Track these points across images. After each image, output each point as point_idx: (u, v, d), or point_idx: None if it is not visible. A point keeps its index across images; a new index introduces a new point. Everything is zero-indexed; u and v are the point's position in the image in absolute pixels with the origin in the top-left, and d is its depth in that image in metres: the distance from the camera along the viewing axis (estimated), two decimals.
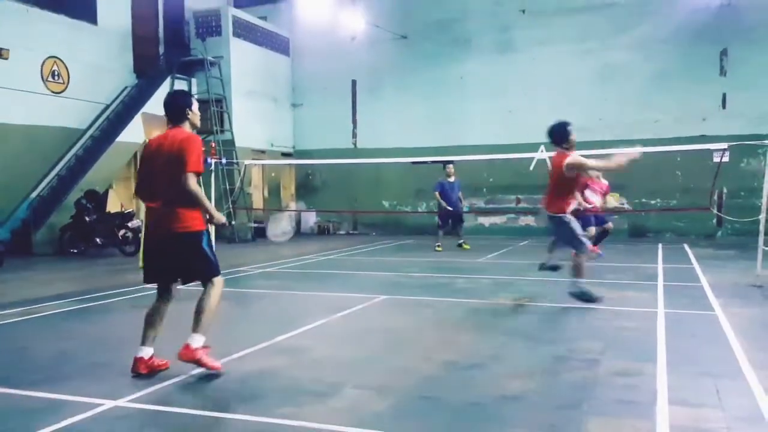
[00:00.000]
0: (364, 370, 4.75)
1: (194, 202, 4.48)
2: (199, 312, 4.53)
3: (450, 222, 13.91)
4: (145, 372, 4.51)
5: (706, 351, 5.15)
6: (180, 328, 4.72)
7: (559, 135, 6.83)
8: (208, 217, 4.62)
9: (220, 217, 4.67)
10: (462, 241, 13.88)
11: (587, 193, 12.10)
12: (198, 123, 4.81)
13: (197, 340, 4.47)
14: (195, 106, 4.78)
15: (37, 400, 4.08)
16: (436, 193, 13.71)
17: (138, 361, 4.54)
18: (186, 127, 4.70)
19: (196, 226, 4.56)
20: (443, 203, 13.59)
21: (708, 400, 3.93)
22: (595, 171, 10.73)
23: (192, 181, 4.41)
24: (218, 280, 4.65)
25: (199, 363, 4.48)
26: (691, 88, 16.34)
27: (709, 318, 6.42)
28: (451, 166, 13.72)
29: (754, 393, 4.03)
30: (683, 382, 4.29)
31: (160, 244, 4.57)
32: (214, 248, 4.72)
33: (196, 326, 4.51)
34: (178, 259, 4.54)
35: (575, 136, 6.81)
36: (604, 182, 13.37)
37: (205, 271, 4.61)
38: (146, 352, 4.57)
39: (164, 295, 4.69)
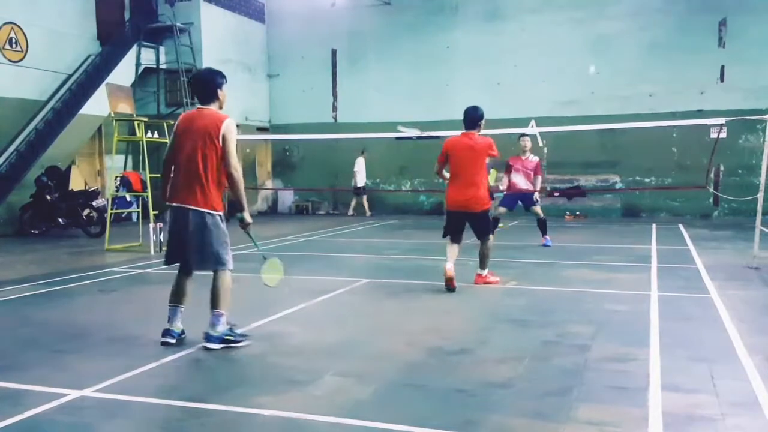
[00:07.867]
0: (345, 357, 4.76)
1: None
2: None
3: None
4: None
5: (700, 335, 5.23)
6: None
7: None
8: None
9: None
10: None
11: (512, 174, 10.99)
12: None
13: (483, 271, 7.57)
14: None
15: None
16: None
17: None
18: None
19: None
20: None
21: (702, 385, 3.99)
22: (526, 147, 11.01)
23: None
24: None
25: (486, 283, 7.51)
26: (688, 60, 16.39)
27: (704, 301, 6.51)
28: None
29: (750, 378, 4.10)
30: (677, 367, 4.35)
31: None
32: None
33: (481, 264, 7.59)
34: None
35: None
36: (534, 159, 11.15)
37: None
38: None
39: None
